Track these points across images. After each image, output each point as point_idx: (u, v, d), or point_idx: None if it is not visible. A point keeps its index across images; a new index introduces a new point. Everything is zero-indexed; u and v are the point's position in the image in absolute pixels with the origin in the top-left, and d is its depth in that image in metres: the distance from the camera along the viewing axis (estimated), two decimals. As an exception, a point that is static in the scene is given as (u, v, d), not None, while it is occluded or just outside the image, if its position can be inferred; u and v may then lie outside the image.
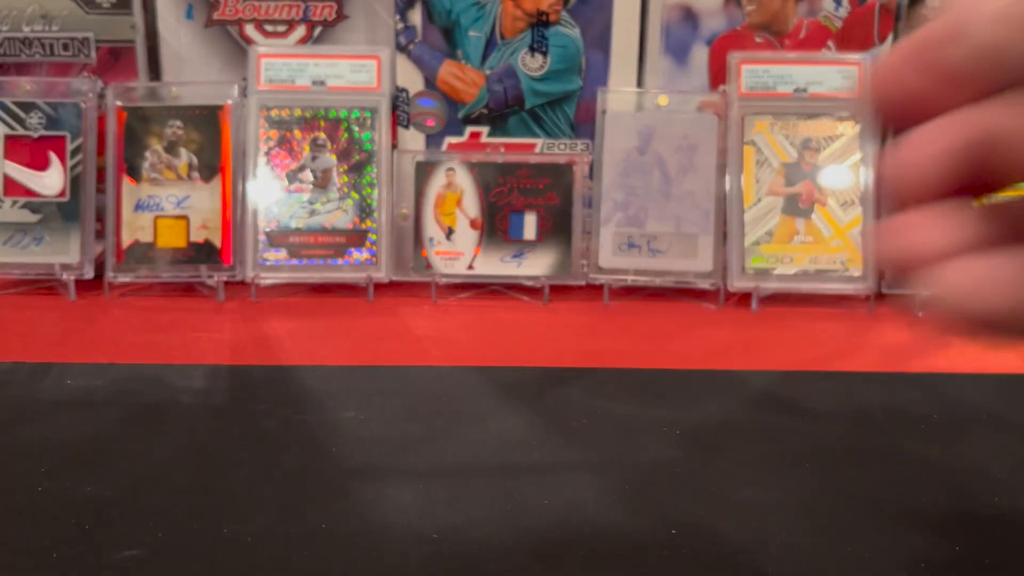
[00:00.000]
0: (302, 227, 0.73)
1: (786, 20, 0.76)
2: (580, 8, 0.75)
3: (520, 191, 0.74)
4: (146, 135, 0.74)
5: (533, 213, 0.74)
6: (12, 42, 0.76)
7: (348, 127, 0.75)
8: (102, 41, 0.77)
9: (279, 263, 0.73)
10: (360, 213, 0.74)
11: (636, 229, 0.73)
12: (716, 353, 0.60)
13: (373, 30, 0.78)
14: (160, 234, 0.73)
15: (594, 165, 0.74)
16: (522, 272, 0.73)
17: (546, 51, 0.76)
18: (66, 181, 0.73)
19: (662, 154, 0.74)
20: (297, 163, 0.74)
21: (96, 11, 0.76)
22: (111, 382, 0.54)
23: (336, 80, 0.75)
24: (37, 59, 0.77)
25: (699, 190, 0.73)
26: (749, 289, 0.71)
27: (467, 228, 0.74)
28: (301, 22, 0.78)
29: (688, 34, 0.76)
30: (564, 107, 0.77)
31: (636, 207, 0.73)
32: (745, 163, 0.73)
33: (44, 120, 0.73)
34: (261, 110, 0.74)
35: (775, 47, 0.76)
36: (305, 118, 0.75)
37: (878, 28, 0.76)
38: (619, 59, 0.76)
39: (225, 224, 0.73)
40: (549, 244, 0.74)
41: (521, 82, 0.77)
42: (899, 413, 0.45)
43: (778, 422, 0.44)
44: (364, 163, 0.74)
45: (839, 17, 0.76)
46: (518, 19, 0.76)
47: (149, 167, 0.74)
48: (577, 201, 0.74)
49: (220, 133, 0.74)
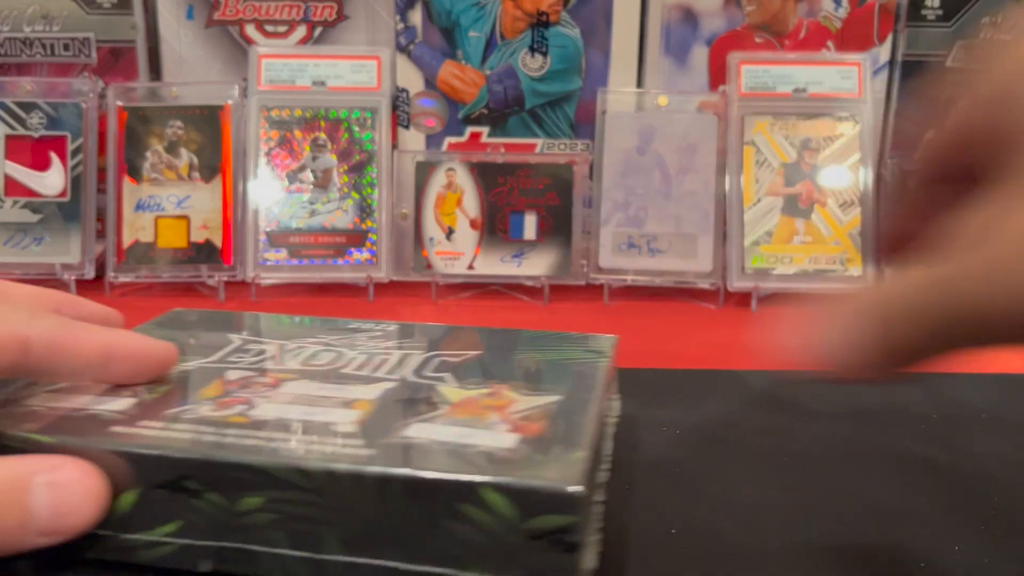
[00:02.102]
0: (302, 227, 0.74)
1: (786, 20, 0.76)
2: (580, 8, 0.75)
3: (520, 191, 0.74)
4: (147, 135, 0.74)
5: (533, 213, 0.74)
6: (12, 42, 0.76)
7: (348, 127, 0.75)
8: (103, 41, 0.77)
9: (279, 263, 0.73)
10: (360, 213, 0.74)
11: (636, 229, 0.73)
12: (716, 353, 0.60)
13: (373, 30, 0.78)
14: (161, 234, 0.73)
15: (594, 165, 0.74)
16: (522, 272, 0.73)
17: (546, 51, 0.76)
18: (67, 181, 0.73)
19: (662, 154, 0.74)
20: (297, 163, 0.74)
21: (97, 11, 0.76)
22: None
23: (336, 80, 0.75)
24: (37, 59, 0.77)
25: (699, 190, 0.73)
26: (749, 289, 0.71)
27: (467, 228, 0.74)
28: (301, 22, 0.78)
29: (688, 34, 0.76)
30: (564, 107, 0.77)
31: (636, 207, 0.74)
32: (745, 163, 0.73)
33: (45, 120, 0.74)
34: (261, 110, 0.74)
35: (775, 47, 0.76)
36: (305, 118, 0.75)
37: (878, 28, 0.76)
38: (619, 59, 0.77)
39: (226, 224, 0.73)
40: (549, 244, 0.74)
41: (521, 82, 0.77)
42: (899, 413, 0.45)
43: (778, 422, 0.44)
44: (364, 163, 0.75)
45: (839, 17, 0.76)
46: (518, 19, 0.76)
47: (150, 167, 0.74)
48: (577, 201, 0.74)
49: (221, 133, 0.74)
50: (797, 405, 0.46)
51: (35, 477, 0.26)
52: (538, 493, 0.26)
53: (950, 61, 0.76)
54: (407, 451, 0.28)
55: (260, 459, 0.28)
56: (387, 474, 0.27)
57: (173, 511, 0.29)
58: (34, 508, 0.26)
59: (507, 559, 0.26)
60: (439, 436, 0.29)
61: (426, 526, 0.27)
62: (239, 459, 0.28)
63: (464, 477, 0.26)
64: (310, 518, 0.28)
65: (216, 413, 0.31)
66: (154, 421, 0.30)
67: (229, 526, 0.28)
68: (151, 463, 0.28)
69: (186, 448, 0.28)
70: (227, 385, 0.34)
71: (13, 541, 0.26)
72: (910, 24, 0.76)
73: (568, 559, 0.26)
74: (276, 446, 0.28)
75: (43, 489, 0.26)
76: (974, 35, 0.76)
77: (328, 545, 0.28)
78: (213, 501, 0.28)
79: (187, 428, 0.30)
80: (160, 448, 0.28)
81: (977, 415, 0.46)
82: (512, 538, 0.26)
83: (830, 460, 0.39)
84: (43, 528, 0.26)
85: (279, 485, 0.27)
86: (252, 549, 0.28)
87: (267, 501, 0.28)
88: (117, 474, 0.28)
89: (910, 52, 0.76)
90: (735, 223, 0.73)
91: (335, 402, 0.32)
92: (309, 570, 0.28)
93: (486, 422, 0.30)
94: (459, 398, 0.33)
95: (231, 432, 0.29)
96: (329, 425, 0.30)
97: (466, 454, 0.28)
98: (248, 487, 0.28)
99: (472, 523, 0.26)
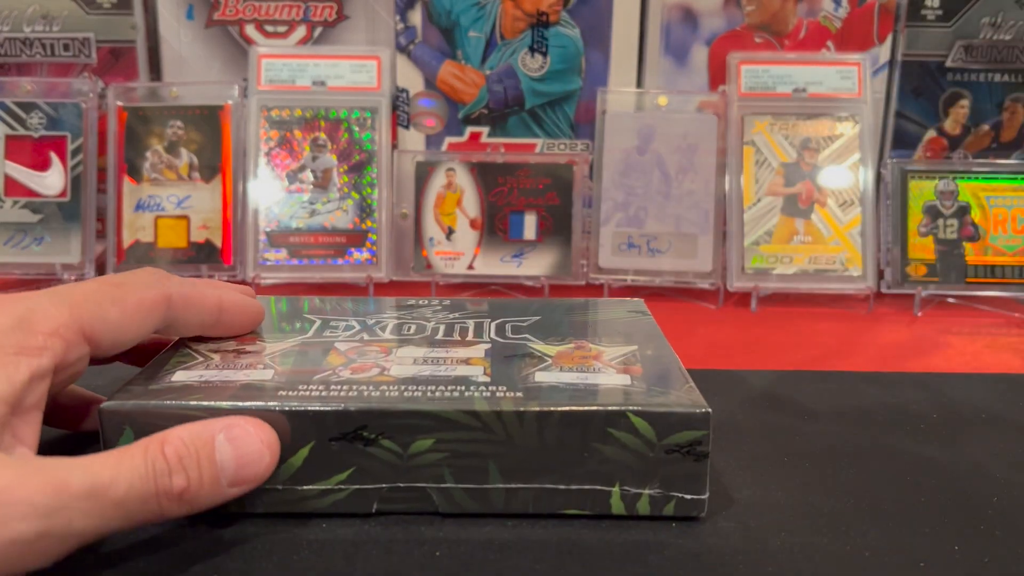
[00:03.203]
0: (302, 227, 0.74)
1: (786, 20, 0.76)
2: (580, 8, 0.75)
3: (520, 191, 0.74)
4: (147, 135, 0.74)
5: (533, 213, 0.74)
6: (12, 42, 0.76)
7: (348, 127, 0.75)
8: (102, 41, 0.77)
9: (279, 263, 0.73)
10: (360, 213, 0.74)
11: (636, 229, 0.73)
12: (716, 353, 0.60)
13: (373, 30, 0.78)
14: (161, 234, 0.73)
15: (594, 165, 0.74)
16: (522, 272, 0.73)
17: (546, 51, 0.76)
18: (67, 181, 0.73)
19: (662, 154, 0.74)
20: (297, 163, 0.74)
21: (96, 11, 0.76)
22: (111, 382, 0.54)
23: (336, 80, 0.75)
24: (37, 59, 0.77)
25: (699, 190, 0.73)
26: (749, 289, 0.71)
27: (467, 228, 0.74)
28: (301, 22, 0.78)
29: (688, 34, 0.76)
30: (564, 107, 0.77)
31: (636, 207, 0.74)
32: (744, 163, 0.73)
33: (45, 120, 0.74)
34: (261, 110, 0.74)
35: (775, 47, 0.76)
36: (305, 118, 0.75)
37: (878, 28, 0.76)
38: (619, 59, 0.77)
39: (226, 224, 0.73)
40: (549, 244, 0.74)
41: (521, 82, 0.77)
42: (899, 413, 0.45)
43: (778, 422, 0.44)
44: (364, 163, 0.75)
45: (839, 17, 0.76)
46: (518, 19, 0.76)
47: (150, 167, 0.74)
48: (577, 201, 0.74)
49: (221, 133, 0.74)
50: (797, 405, 0.46)
51: (217, 436, 0.30)
52: (675, 415, 0.31)
53: (950, 61, 0.76)
54: (551, 391, 0.33)
55: (434, 406, 0.31)
56: (547, 410, 0.31)
57: (346, 460, 0.32)
58: (222, 462, 0.30)
59: (647, 472, 0.32)
60: (564, 380, 0.34)
61: (578, 451, 0.32)
62: (415, 407, 0.31)
63: (613, 407, 0.31)
64: (477, 453, 0.32)
65: (359, 376, 0.34)
66: (310, 385, 0.33)
67: (399, 468, 0.32)
68: (331, 418, 0.32)
69: (364, 402, 0.32)
70: (346, 355, 0.37)
71: (211, 495, 0.30)
72: (910, 24, 0.76)
73: (699, 466, 0.32)
74: (436, 396, 0.32)
75: (225, 445, 0.30)
76: (974, 35, 0.76)
77: (491, 476, 0.32)
78: (386, 447, 0.32)
79: (347, 388, 0.33)
80: (338, 403, 0.32)
81: (977, 415, 0.46)
82: (652, 453, 0.32)
83: (830, 460, 0.39)
84: (232, 479, 0.30)
85: (451, 427, 0.31)
86: (420, 486, 0.32)
87: (436, 442, 0.32)
88: (289, 432, 0.32)
89: (910, 52, 0.76)
90: (735, 223, 0.73)
91: (454, 361, 0.36)
92: (474, 499, 0.32)
93: (593, 367, 0.35)
94: (554, 352, 0.37)
95: (390, 388, 0.33)
96: (467, 377, 0.34)
97: (600, 390, 0.33)
98: (420, 431, 0.31)
99: (619, 444, 0.32)
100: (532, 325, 0.42)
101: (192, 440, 0.29)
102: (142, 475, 0.28)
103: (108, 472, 0.27)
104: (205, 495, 0.29)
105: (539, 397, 0.32)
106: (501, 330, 0.41)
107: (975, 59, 0.76)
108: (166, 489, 0.28)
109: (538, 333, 0.40)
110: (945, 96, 0.77)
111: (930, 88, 0.77)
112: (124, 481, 0.27)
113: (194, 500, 0.29)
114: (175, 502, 0.29)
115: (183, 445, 0.29)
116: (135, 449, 0.28)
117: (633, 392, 0.33)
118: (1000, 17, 0.76)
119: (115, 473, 0.27)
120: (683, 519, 0.33)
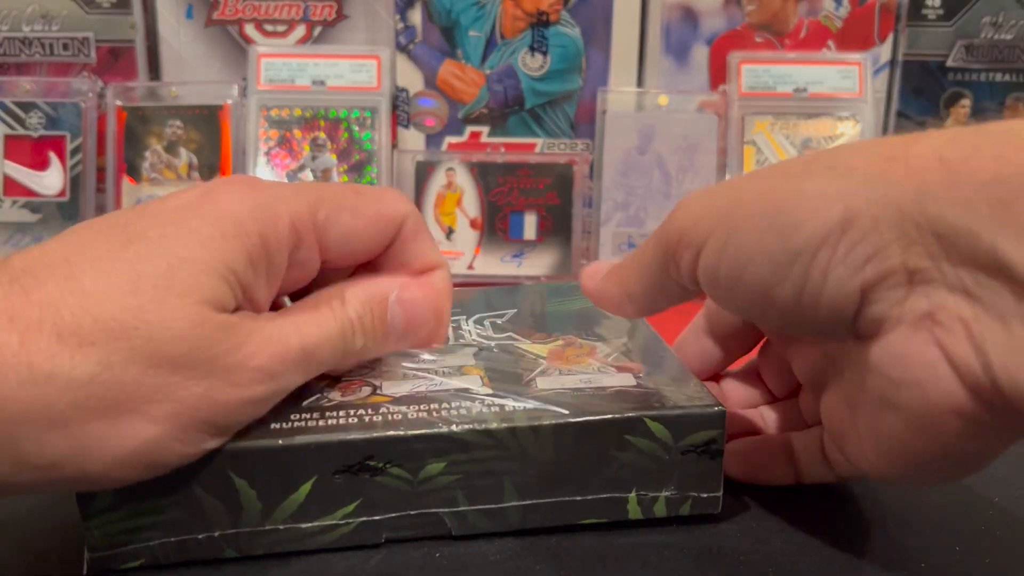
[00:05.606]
0: (302, 227, 0.73)
1: (786, 20, 0.76)
2: (580, 8, 0.75)
3: (520, 191, 0.74)
4: (146, 135, 0.74)
5: (533, 213, 0.74)
6: (12, 42, 0.76)
7: (348, 127, 0.75)
8: (102, 41, 0.77)
9: (279, 263, 0.73)
10: (360, 213, 0.74)
11: (636, 229, 0.73)
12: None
13: (373, 30, 0.78)
14: (160, 234, 0.73)
15: (594, 165, 0.74)
16: (522, 272, 0.73)
17: (546, 51, 0.76)
18: (66, 181, 0.73)
19: (662, 154, 0.74)
20: (297, 163, 0.74)
21: (96, 11, 0.76)
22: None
23: (336, 80, 0.75)
24: (37, 59, 0.77)
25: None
26: (749, 289, 0.71)
27: (467, 228, 0.74)
28: (301, 22, 0.78)
29: (688, 34, 0.76)
30: (564, 107, 0.77)
31: (636, 207, 0.73)
32: (745, 163, 0.73)
33: (44, 120, 0.73)
34: (261, 110, 0.74)
35: (775, 47, 0.76)
36: (305, 118, 0.75)
37: (878, 28, 0.76)
38: (619, 59, 0.77)
39: (225, 224, 0.73)
40: (549, 244, 0.74)
41: (521, 82, 0.77)
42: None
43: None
44: (364, 163, 0.75)
45: (839, 17, 0.76)
46: (518, 19, 0.76)
47: (149, 167, 0.74)
48: (577, 201, 0.74)
49: (220, 133, 0.74)
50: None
51: (390, 295, 0.31)
52: (691, 416, 0.31)
53: (951, 61, 0.76)
54: (560, 399, 0.32)
55: (444, 428, 0.30)
56: (563, 423, 0.30)
57: (352, 493, 0.30)
58: (393, 321, 0.31)
59: (663, 474, 0.31)
60: (567, 384, 0.33)
61: (595, 460, 0.31)
62: (425, 431, 0.30)
63: (630, 413, 0.31)
64: (491, 472, 0.30)
65: (352, 397, 0.32)
66: (302, 414, 0.30)
67: (410, 495, 0.30)
68: (334, 450, 0.29)
69: (368, 430, 0.30)
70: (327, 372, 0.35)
71: (379, 347, 0.32)
72: (911, 24, 0.76)
73: (715, 464, 0.32)
74: (443, 415, 0.30)
75: (396, 306, 0.31)
76: (975, 34, 0.76)
77: (506, 494, 0.31)
78: (395, 475, 0.30)
79: (344, 414, 0.31)
80: (340, 432, 0.29)
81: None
82: (668, 456, 0.31)
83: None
84: (400, 336, 0.32)
85: (463, 448, 0.30)
86: (432, 512, 0.31)
87: (448, 465, 0.30)
88: (288, 468, 0.29)
89: (911, 52, 0.76)
90: (735, 223, 0.72)
91: (447, 371, 0.34)
92: (489, 519, 0.31)
93: (591, 367, 0.34)
94: (545, 352, 0.36)
95: (391, 410, 0.31)
96: (468, 390, 0.32)
97: (609, 394, 0.32)
98: (430, 455, 0.30)
99: (636, 450, 0.31)
100: (512, 319, 0.40)
101: (368, 300, 0.31)
102: (336, 336, 0.30)
103: (314, 334, 0.29)
104: (375, 352, 0.32)
105: (550, 408, 0.31)
106: (481, 326, 0.40)
107: (976, 59, 0.76)
108: (352, 349, 0.30)
109: (520, 329, 0.39)
110: (946, 96, 0.77)
111: (931, 88, 0.77)
112: (327, 343, 0.29)
113: (365, 356, 0.31)
114: (352, 358, 0.31)
115: (362, 306, 0.31)
116: (325, 310, 0.30)
117: (644, 395, 0.32)
118: (1001, 16, 0.75)
119: (318, 335, 0.29)
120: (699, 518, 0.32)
